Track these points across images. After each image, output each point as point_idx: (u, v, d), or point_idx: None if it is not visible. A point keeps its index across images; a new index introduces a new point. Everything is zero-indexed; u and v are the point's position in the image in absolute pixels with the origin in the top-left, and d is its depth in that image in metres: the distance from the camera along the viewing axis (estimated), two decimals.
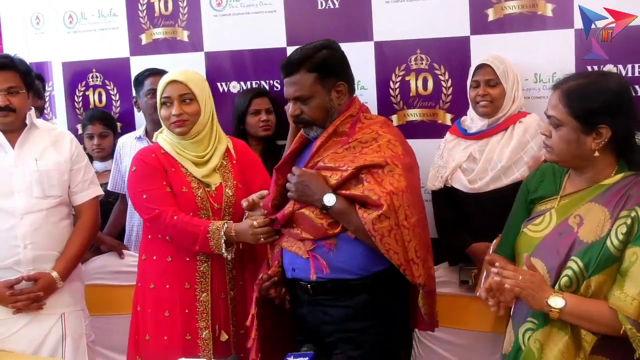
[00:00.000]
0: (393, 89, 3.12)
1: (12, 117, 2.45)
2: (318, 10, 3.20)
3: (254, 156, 2.67)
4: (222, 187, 2.46)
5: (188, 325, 2.39)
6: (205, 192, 2.43)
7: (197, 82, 2.45)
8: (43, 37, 3.85)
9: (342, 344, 2.10)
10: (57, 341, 2.50)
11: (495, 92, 2.72)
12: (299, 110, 2.16)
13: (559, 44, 2.81)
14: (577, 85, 1.76)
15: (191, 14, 3.47)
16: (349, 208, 2.05)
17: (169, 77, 2.45)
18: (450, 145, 2.84)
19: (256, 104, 3.20)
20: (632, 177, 1.76)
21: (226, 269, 2.44)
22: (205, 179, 2.44)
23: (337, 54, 2.18)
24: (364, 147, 2.10)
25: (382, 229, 1.98)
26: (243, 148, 2.62)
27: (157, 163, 2.44)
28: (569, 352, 1.73)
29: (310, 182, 2.10)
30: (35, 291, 2.41)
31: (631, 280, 1.66)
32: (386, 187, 2.01)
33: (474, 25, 2.95)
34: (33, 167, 2.46)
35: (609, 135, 1.73)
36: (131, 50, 3.64)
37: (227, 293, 2.44)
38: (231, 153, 2.55)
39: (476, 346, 2.78)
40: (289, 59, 2.16)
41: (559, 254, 1.76)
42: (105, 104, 3.76)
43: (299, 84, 2.13)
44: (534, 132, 2.67)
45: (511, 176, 2.66)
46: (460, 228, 2.76)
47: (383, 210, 1.98)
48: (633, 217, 1.69)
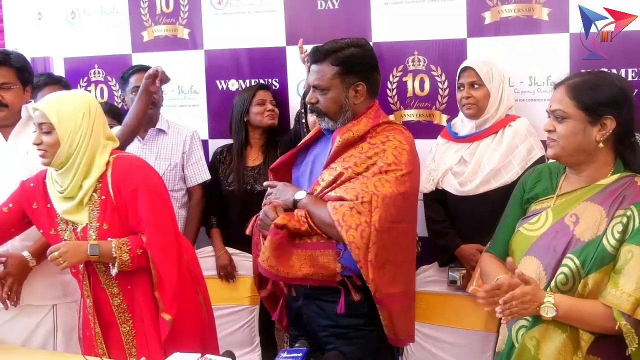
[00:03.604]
0: (390, 89, 3.09)
1: (4, 112, 2.42)
2: (318, 10, 3.17)
3: (137, 186, 2.14)
4: (87, 228, 2.14)
5: None
6: (73, 233, 2.16)
7: (61, 110, 2.10)
8: (44, 33, 3.80)
9: (336, 339, 2.07)
10: (48, 333, 2.43)
11: (478, 94, 2.68)
12: (315, 98, 2.13)
13: (554, 48, 2.79)
14: (582, 80, 1.77)
15: (192, 12, 3.44)
16: (318, 201, 2.03)
17: (36, 103, 2.20)
18: (442, 148, 2.82)
19: (261, 95, 3.15)
20: (628, 178, 1.75)
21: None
22: (67, 215, 2.15)
23: (365, 54, 2.13)
24: (371, 148, 2.05)
25: (351, 221, 1.94)
26: (122, 178, 2.14)
27: (29, 193, 2.20)
28: (565, 349, 1.71)
29: (285, 187, 2.13)
30: (5, 271, 2.27)
31: (627, 277, 1.64)
32: (369, 188, 1.97)
33: (471, 27, 2.92)
34: (23, 160, 2.41)
35: (613, 127, 1.73)
36: (133, 47, 3.60)
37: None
38: (107, 185, 2.13)
39: (468, 344, 2.75)
40: (318, 48, 2.12)
41: (555, 252, 1.74)
42: (106, 100, 3.72)
43: (320, 74, 2.10)
44: (524, 137, 2.65)
45: (500, 179, 2.63)
46: (450, 230, 2.73)
47: (355, 203, 1.95)
48: (628, 216, 1.68)
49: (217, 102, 3.44)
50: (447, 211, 2.76)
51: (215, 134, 3.43)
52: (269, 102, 3.15)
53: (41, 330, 2.40)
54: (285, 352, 1.78)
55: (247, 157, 3.16)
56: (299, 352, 1.77)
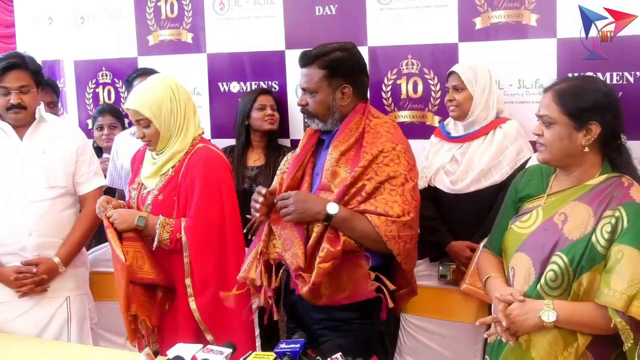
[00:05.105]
0: (385, 91, 3.10)
1: (23, 114, 2.44)
2: (316, 16, 3.17)
3: (198, 176, 2.26)
4: (149, 193, 2.31)
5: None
6: (138, 192, 2.34)
7: (151, 103, 2.23)
8: (55, 37, 3.82)
9: (330, 331, 2.07)
10: (63, 323, 2.48)
11: (460, 97, 2.69)
12: (305, 101, 2.14)
13: (542, 52, 2.79)
14: (568, 86, 1.76)
15: (195, 17, 3.45)
16: (353, 213, 1.99)
17: (126, 104, 2.33)
18: (435, 147, 2.82)
19: (262, 99, 3.16)
20: (615, 179, 1.74)
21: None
22: (144, 179, 2.33)
23: (351, 58, 2.12)
24: (384, 156, 2.03)
25: (405, 236, 1.98)
26: (192, 165, 2.26)
27: (136, 156, 2.46)
28: (557, 344, 1.70)
29: (308, 198, 2.02)
30: (38, 275, 2.38)
31: (618, 276, 1.63)
32: (408, 199, 1.99)
33: (462, 33, 2.92)
34: (40, 159, 2.45)
35: (598, 132, 1.72)
36: (139, 50, 3.61)
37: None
38: (182, 166, 2.28)
39: (458, 336, 2.75)
40: (306, 52, 2.12)
41: (544, 249, 1.73)
42: (114, 101, 3.74)
43: (308, 77, 2.10)
44: (513, 138, 2.66)
45: (490, 179, 2.64)
46: (441, 226, 2.73)
47: (406, 219, 1.97)
48: (617, 217, 1.67)
49: (219, 104, 3.45)
50: (438, 208, 2.75)
51: (218, 135, 3.43)
52: (269, 107, 3.14)
53: (56, 321, 2.46)
54: (284, 343, 1.77)
55: (248, 158, 3.16)
56: (297, 342, 1.76)
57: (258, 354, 1.74)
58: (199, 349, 1.76)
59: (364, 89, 2.17)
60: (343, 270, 2.01)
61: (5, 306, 2.40)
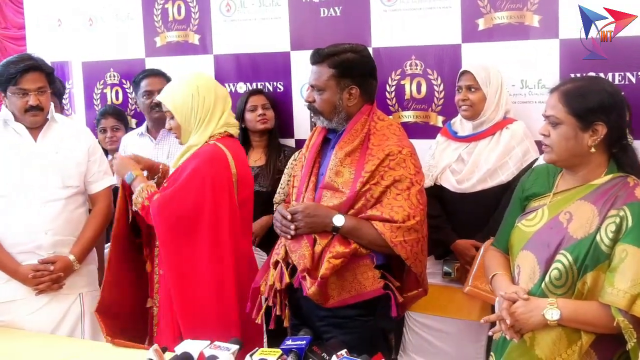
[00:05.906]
0: (389, 92, 3.08)
1: (40, 116, 2.44)
2: (320, 17, 3.16)
3: (190, 167, 2.27)
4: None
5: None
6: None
7: (174, 98, 2.30)
8: (64, 38, 3.83)
9: (333, 328, 2.07)
10: (77, 318, 2.49)
11: (475, 97, 2.67)
12: (312, 97, 2.14)
13: (545, 53, 2.76)
14: (574, 87, 1.74)
15: (202, 19, 3.44)
16: (360, 223, 2.00)
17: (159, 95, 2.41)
18: (441, 146, 2.79)
19: (253, 100, 3.15)
20: (620, 179, 1.73)
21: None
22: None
23: (361, 60, 2.12)
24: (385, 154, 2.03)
25: (410, 240, 1.99)
26: (195, 157, 2.29)
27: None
28: (561, 342, 1.68)
29: (317, 211, 2.03)
30: (55, 272, 2.39)
31: (621, 275, 1.61)
32: (413, 202, 1.99)
33: (465, 33, 2.91)
34: (53, 159, 2.45)
35: (604, 132, 1.70)
36: (146, 51, 3.61)
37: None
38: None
39: (462, 333, 2.73)
40: (318, 50, 2.12)
41: (549, 247, 1.72)
42: (121, 102, 3.74)
43: (317, 74, 2.11)
44: (520, 139, 2.63)
45: (497, 179, 2.62)
46: (446, 225, 2.72)
47: (411, 223, 1.98)
48: (622, 216, 1.65)
49: None
50: (443, 207, 2.73)
51: None
52: (261, 106, 3.13)
53: (70, 317, 2.47)
54: (290, 340, 1.77)
55: (249, 158, 3.11)
56: (303, 339, 1.76)
57: (264, 350, 1.73)
58: (206, 345, 1.75)
59: (372, 91, 2.16)
60: (349, 270, 2.02)
61: (20, 303, 2.41)
